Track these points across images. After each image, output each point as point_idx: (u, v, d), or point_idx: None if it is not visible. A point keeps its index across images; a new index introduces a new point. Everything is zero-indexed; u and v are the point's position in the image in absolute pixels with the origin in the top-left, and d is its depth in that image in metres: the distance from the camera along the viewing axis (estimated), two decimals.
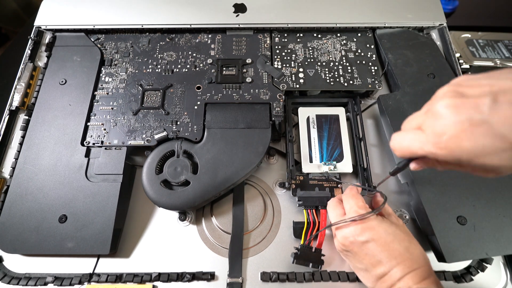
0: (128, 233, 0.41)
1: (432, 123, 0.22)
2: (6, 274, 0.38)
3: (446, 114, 0.21)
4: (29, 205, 0.39)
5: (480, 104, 0.20)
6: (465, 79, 0.23)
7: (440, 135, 0.21)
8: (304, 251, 0.37)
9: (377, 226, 0.32)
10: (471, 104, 0.20)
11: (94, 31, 0.52)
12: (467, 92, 0.21)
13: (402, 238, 0.32)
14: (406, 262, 0.30)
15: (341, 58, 0.49)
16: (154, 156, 0.41)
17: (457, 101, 0.21)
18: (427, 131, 0.23)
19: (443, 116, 0.21)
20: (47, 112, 0.45)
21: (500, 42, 0.63)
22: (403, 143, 0.25)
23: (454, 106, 0.21)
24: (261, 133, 0.42)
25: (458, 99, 0.21)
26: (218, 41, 0.51)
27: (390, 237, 0.32)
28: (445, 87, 0.23)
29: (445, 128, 0.21)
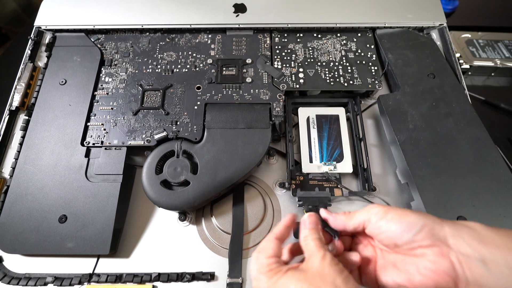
0: (128, 233, 0.41)
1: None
2: (6, 274, 0.38)
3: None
4: (29, 205, 0.39)
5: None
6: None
7: None
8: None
9: (276, 281, 0.25)
10: None
11: (94, 31, 0.52)
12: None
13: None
14: None
15: (341, 58, 0.49)
16: (154, 156, 0.41)
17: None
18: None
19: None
20: (47, 112, 0.45)
21: (500, 42, 0.63)
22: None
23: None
24: (261, 133, 0.42)
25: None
26: (218, 41, 0.51)
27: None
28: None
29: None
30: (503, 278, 0.23)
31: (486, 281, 0.23)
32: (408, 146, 0.40)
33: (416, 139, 0.41)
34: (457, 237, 0.25)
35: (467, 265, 0.24)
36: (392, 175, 0.44)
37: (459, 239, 0.25)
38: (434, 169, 0.39)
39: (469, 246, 0.24)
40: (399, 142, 0.41)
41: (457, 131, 0.41)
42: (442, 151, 0.40)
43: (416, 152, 0.40)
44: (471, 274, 0.23)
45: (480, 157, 0.39)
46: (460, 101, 0.44)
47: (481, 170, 0.39)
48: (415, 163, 0.39)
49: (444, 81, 0.46)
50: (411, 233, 0.25)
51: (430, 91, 0.45)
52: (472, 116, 0.42)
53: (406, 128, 0.42)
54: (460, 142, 0.40)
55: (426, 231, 0.25)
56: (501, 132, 0.53)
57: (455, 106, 0.43)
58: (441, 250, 0.25)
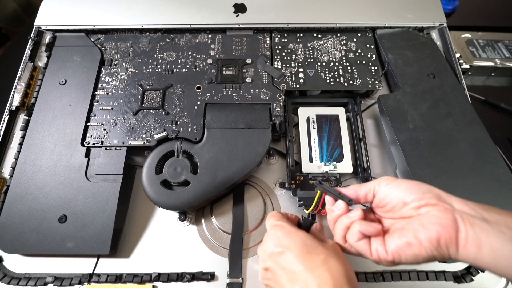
0: (128, 233, 0.41)
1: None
2: (6, 274, 0.38)
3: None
4: (29, 205, 0.39)
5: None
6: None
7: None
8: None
9: (294, 234, 0.30)
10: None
11: (94, 31, 0.52)
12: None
13: (321, 251, 0.28)
14: (322, 276, 0.27)
15: (341, 58, 0.49)
16: (154, 156, 0.41)
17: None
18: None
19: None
20: (47, 112, 0.45)
21: (500, 42, 0.63)
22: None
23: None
24: (261, 133, 0.42)
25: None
26: (218, 41, 0.51)
27: (307, 248, 0.28)
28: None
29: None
30: (502, 236, 0.24)
31: (486, 237, 0.24)
32: (408, 146, 0.40)
33: (416, 139, 0.41)
34: (462, 203, 0.27)
35: (469, 221, 0.25)
36: (392, 175, 0.44)
37: (463, 204, 0.26)
38: (434, 169, 0.39)
39: (473, 210, 0.26)
40: (399, 142, 0.41)
41: (457, 131, 0.41)
42: (442, 151, 0.40)
43: (416, 152, 0.40)
44: (472, 229, 0.25)
45: (480, 157, 0.39)
46: (460, 101, 0.44)
47: (481, 170, 0.39)
48: (415, 163, 0.39)
49: (444, 81, 0.46)
50: (419, 191, 0.28)
51: (430, 91, 0.45)
52: (472, 116, 0.42)
53: (406, 128, 0.42)
54: (460, 142, 0.40)
55: (434, 193, 0.27)
56: (501, 132, 0.53)
57: (455, 106, 0.43)
58: (445, 207, 0.26)
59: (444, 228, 0.25)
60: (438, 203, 0.26)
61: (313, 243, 0.29)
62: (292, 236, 0.30)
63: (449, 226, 0.25)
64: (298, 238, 0.30)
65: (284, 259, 0.29)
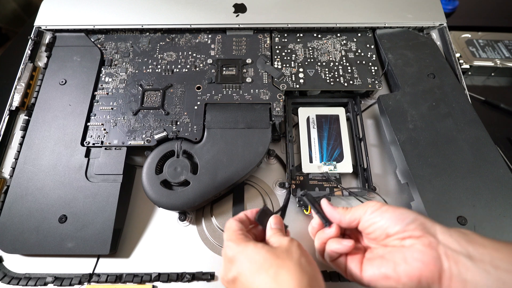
0: (128, 233, 0.41)
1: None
2: (6, 274, 0.38)
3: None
4: (29, 205, 0.39)
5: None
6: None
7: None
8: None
9: (239, 255, 0.27)
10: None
11: (94, 31, 0.52)
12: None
13: (270, 264, 0.26)
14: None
15: (341, 58, 0.49)
16: (154, 156, 0.41)
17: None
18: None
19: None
20: (47, 112, 0.45)
21: (500, 42, 0.63)
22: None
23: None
24: (261, 133, 0.42)
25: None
26: (218, 41, 0.51)
27: (255, 266, 0.26)
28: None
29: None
30: (487, 275, 0.23)
31: (471, 277, 0.24)
32: (408, 146, 0.40)
33: (416, 139, 0.41)
34: (447, 234, 0.26)
35: (453, 259, 0.24)
36: (392, 175, 0.44)
37: (447, 236, 0.26)
38: (434, 169, 0.39)
39: (457, 243, 0.25)
40: (399, 142, 0.41)
41: (457, 131, 0.41)
42: (442, 151, 0.40)
43: (416, 152, 0.40)
44: (456, 268, 0.24)
45: (480, 157, 0.39)
46: (460, 101, 0.44)
47: (481, 170, 0.39)
48: (415, 163, 0.39)
49: (444, 81, 0.46)
50: (403, 223, 0.27)
51: (430, 91, 0.45)
52: (472, 116, 0.42)
53: (406, 128, 0.42)
54: (460, 142, 0.40)
55: (418, 223, 0.27)
56: (501, 132, 0.53)
57: (455, 106, 0.43)
58: (430, 241, 0.26)
59: (427, 266, 0.25)
60: (423, 236, 0.26)
61: (261, 257, 0.26)
62: (238, 258, 0.27)
63: (431, 264, 0.25)
64: (244, 259, 0.27)
65: (240, 285, 0.27)
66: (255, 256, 0.27)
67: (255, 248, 0.27)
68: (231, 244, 0.29)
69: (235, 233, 0.30)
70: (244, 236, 0.29)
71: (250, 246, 0.28)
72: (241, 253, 0.27)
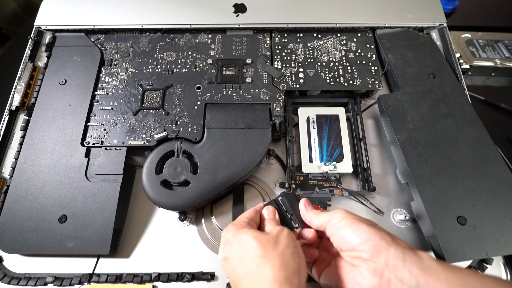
0: (128, 233, 0.41)
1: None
2: (6, 274, 0.38)
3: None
4: (29, 205, 0.39)
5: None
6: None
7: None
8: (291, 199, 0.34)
9: (232, 239, 0.29)
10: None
11: (94, 31, 0.52)
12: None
13: (254, 253, 0.27)
14: (254, 284, 0.26)
15: (341, 58, 0.49)
16: (154, 156, 0.41)
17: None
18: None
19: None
20: (47, 112, 0.45)
21: (500, 42, 0.63)
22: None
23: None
24: (261, 133, 0.42)
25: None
26: (218, 41, 0.51)
27: (241, 251, 0.28)
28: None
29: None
30: None
31: None
32: (408, 146, 0.40)
33: (416, 139, 0.41)
34: (399, 259, 0.25)
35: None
36: (392, 175, 0.44)
37: (399, 262, 0.25)
38: (434, 169, 0.39)
39: (408, 271, 0.24)
40: (399, 142, 0.41)
41: (457, 131, 0.41)
42: (442, 151, 0.40)
43: (416, 152, 0.40)
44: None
45: (480, 157, 0.39)
46: (460, 101, 0.44)
47: (481, 170, 0.39)
48: (415, 163, 0.39)
49: (444, 81, 0.46)
50: (354, 241, 0.27)
51: (430, 91, 0.45)
52: (472, 116, 0.42)
53: (406, 128, 0.42)
54: (460, 142, 0.40)
55: (370, 245, 0.26)
56: (501, 132, 0.53)
57: (455, 106, 0.43)
58: (376, 267, 0.25)
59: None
60: (370, 259, 0.26)
61: (248, 244, 0.28)
62: (231, 242, 0.29)
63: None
64: (235, 243, 0.29)
65: (227, 266, 0.29)
66: (244, 243, 0.28)
67: (246, 235, 0.29)
68: (230, 227, 0.31)
69: (239, 218, 0.32)
70: (245, 223, 0.31)
71: (243, 233, 0.29)
72: (234, 238, 0.29)
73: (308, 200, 0.34)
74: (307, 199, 0.34)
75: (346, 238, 0.27)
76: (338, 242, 0.28)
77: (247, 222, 0.31)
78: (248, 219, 0.32)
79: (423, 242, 0.39)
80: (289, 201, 0.34)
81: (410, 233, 0.40)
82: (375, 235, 0.26)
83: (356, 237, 0.27)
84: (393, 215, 0.41)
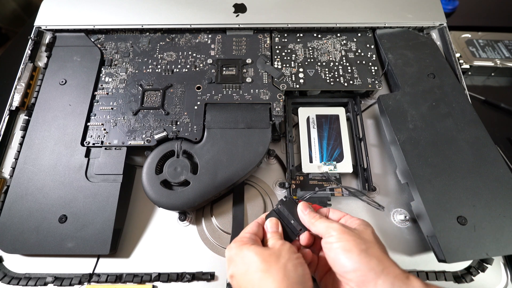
0: (128, 233, 0.41)
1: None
2: (6, 274, 0.38)
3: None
4: (29, 205, 0.39)
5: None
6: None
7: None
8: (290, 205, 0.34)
9: (235, 256, 0.30)
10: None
11: (94, 31, 0.52)
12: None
13: (256, 268, 0.27)
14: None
15: (341, 58, 0.49)
16: (154, 156, 0.41)
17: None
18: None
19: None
20: (47, 112, 0.45)
21: (500, 42, 0.63)
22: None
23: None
24: (261, 133, 0.42)
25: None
26: (218, 41, 0.51)
27: (244, 267, 0.28)
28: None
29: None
30: None
31: None
32: (408, 146, 0.40)
33: (416, 139, 0.41)
34: (388, 286, 0.25)
35: None
36: (392, 175, 0.44)
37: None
38: (434, 169, 0.39)
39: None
40: (399, 142, 0.41)
41: (457, 131, 0.41)
42: (442, 151, 0.40)
43: (416, 152, 0.40)
44: None
45: (480, 157, 0.39)
46: (460, 101, 0.44)
47: (481, 170, 0.38)
48: (415, 163, 0.39)
49: (444, 81, 0.46)
50: (343, 269, 0.27)
51: (430, 91, 0.45)
52: (472, 116, 0.42)
53: (406, 128, 0.42)
54: (460, 142, 0.40)
55: (357, 275, 0.26)
56: (501, 132, 0.53)
57: (455, 106, 0.43)
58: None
59: None
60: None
61: (251, 260, 0.28)
62: (234, 259, 0.30)
63: None
64: (238, 260, 0.29)
65: (233, 283, 0.29)
66: (247, 258, 0.29)
67: (248, 251, 0.29)
68: (232, 245, 0.31)
69: (241, 234, 0.32)
70: (247, 239, 0.31)
71: (245, 249, 0.29)
72: (237, 255, 0.30)
73: (305, 203, 0.33)
74: (304, 202, 0.34)
75: (336, 262, 0.28)
76: (330, 261, 0.29)
77: (249, 237, 0.31)
78: (249, 234, 0.32)
79: (423, 242, 0.39)
80: (288, 208, 0.34)
81: (410, 233, 0.40)
82: (365, 265, 0.26)
83: (345, 264, 0.27)
84: (393, 215, 0.41)
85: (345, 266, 0.27)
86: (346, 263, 0.27)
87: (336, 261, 0.27)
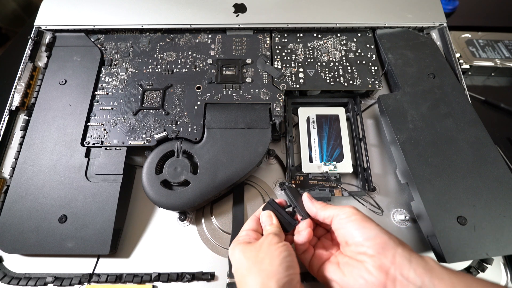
0: (128, 233, 0.41)
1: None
2: (6, 274, 0.38)
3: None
4: (29, 205, 0.39)
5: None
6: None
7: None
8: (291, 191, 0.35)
9: (231, 256, 0.31)
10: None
11: (94, 31, 0.52)
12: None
13: (241, 266, 0.29)
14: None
15: (341, 58, 0.49)
16: (154, 156, 0.41)
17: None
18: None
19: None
20: (47, 112, 0.45)
21: (500, 42, 0.63)
22: None
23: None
24: (261, 133, 0.42)
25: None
26: (218, 41, 0.51)
27: (236, 266, 0.30)
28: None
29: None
30: None
31: None
32: (408, 146, 0.40)
33: (416, 139, 0.41)
34: (405, 259, 0.25)
35: (402, 286, 0.24)
36: (392, 175, 0.44)
37: (405, 261, 0.25)
38: (434, 169, 0.39)
39: (413, 271, 0.25)
40: (399, 142, 0.41)
41: (457, 131, 0.41)
42: (442, 151, 0.40)
43: (416, 152, 0.40)
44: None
45: (480, 157, 0.39)
46: (460, 101, 0.44)
47: (481, 170, 0.39)
48: (415, 163, 0.39)
49: (444, 81, 0.46)
50: (362, 237, 0.28)
51: (430, 91, 0.45)
52: (472, 116, 0.42)
53: (406, 128, 0.42)
54: (460, 142, 0.40)
55: (377, 242, 0.27)
56: (501, 132, 0.53)
57: (455, 106, 0.43)
58: (381, 263, 0.26)
59: (369, 286, 0.25)
60: (375, 256, 0.26)
61: (238, 258, 0.29)
62: (231, 258, 0.31)
63: (374, 286, 0.25)
64: (233, 259, 0.30)
65: (235, 281, 0.30)
66: (235, 257, 0.30)
67: (236, 250, 0.30)
68: (231, 245, 0.32)
69: (237, 238, 0.33)
70: (242, 238, 0.32)
71: (235, 248, 0.31)
72: (232, 255, 0.31)
73: (309, 194, 0.34)
74: (308, 194, 0.34)
75: (353, 233, 0.28)
76: (344, 236, 0.29)
77: (245, 235, 0.32)
78: (246, 231, 0.33)
79: (423, 242, 0.39)
80: (293, 194, 0.35)
81: (410, 233, 0.40)
82: (384, 234, 0.27)
83: (364, 233, 0.28)
84: (393, 215, 0.41)
85: (365, 234, 0.27)
86: (366, 231, 0.28)
87: (354, 232, 0.28)
